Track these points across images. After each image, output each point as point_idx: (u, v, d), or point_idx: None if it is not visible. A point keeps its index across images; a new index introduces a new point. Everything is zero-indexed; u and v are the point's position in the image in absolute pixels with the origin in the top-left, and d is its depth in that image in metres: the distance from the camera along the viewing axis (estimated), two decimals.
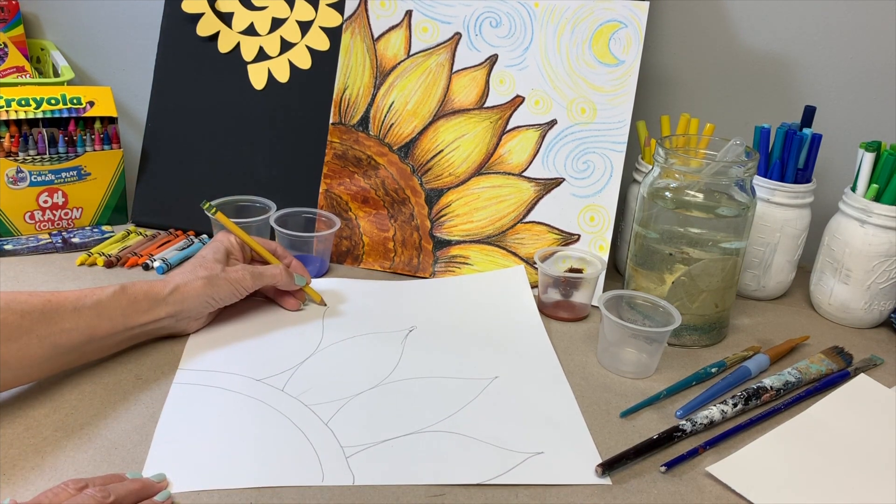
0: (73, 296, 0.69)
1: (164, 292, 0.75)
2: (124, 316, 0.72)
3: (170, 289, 0.75)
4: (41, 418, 0.67)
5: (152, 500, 0.58)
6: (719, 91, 1.07)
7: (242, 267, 0.82)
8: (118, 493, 0.56)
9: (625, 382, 0.79)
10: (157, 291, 0.75)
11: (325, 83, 1.00)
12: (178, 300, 0.75)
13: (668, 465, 0.67)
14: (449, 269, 0.97)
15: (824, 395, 0.78)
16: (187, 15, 1.02)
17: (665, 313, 0.81)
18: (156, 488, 0.59)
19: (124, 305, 0.72)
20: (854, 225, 0.89)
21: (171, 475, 0.61)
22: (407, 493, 0.62)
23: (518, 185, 0.96)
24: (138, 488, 0.58)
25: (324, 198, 1.00)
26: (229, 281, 0.79)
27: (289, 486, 0.61)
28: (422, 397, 0.73)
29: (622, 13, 0.93)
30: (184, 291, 0.76)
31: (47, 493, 0.55)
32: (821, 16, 1.02)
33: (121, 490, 0.57)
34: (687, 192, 0.83)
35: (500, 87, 0.96)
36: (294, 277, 0.85)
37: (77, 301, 0.69)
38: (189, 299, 0.76)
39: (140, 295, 0.73)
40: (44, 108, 0.96)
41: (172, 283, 0.76)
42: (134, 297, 0.73)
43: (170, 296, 0.75)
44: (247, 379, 0.74)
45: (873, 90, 1.04)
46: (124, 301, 0.72)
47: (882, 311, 0.92)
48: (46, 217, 0.99)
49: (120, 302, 0.72)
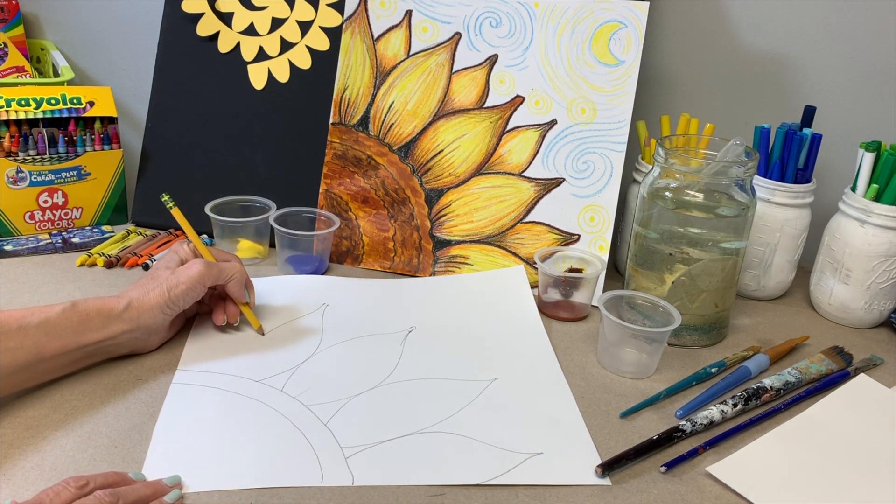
0: (19, 314, 0.67)
1: (118, 308, 0.72)
2: (76, 333, 0.69)
3: (124, 304, 0.72)
4: (41, 418, 0.67)
5: (161, 500, 0.58)
6: (719, 91, 1.07)
7: (197, 261, 0.77)
8: (127, 498, 0.56)
9: (625, 382, 0.79)
10: (110, 307, 0.72)
11: (325, 83, 1.00)
12: (134, 316, 0.73)
13: (668, 466, 0.66)
14: (449, 269, 0.97)
15: (824, 395, 0.78)
16: (187, 15, 1.02)
17: (665, 313, 0.81)
18: (165, 490, 0.59)
19: (75, 323, 0.69)
20: (854, 225, 0.89)
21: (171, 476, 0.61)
22: (407, 494, 0.62)
23: (518, 185, 0.96)
24: (149, 493, 0.58)
25: (324, 198, 1.00)
26: (182, 280, 0.75)
27: (288, 488, 0.61)
28: (421, 398, 0.73)
29: (622, 13, 0.93)
30: (139, 306, 0.73)
31: (48, 492, 0.55)
32: (821, 16, 1.02)
33: (130, 494, 0.57)
34: (687, 192, 0.83)
35: (500, 87, 0.96)
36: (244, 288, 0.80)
37: (22, 319, 0.67)
38: (145, 314, 0.73)
39: (92, 312, 0.70)
40: (44, 108, 0.96)
41: (127, 299, 0.73)
42: (85, 313, 0.70)
43: (124, 312, 0.72)
44: (246, 380, 0.74)
45: (873, 90, 1.04)
46: (75, 318, 0.69)
47: (882, 311, 0.92)
48: (46, 217, 0.99)
49: (70, 319, 0.69)
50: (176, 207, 0.83)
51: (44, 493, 0.55)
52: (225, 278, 0.79)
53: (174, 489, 0.59)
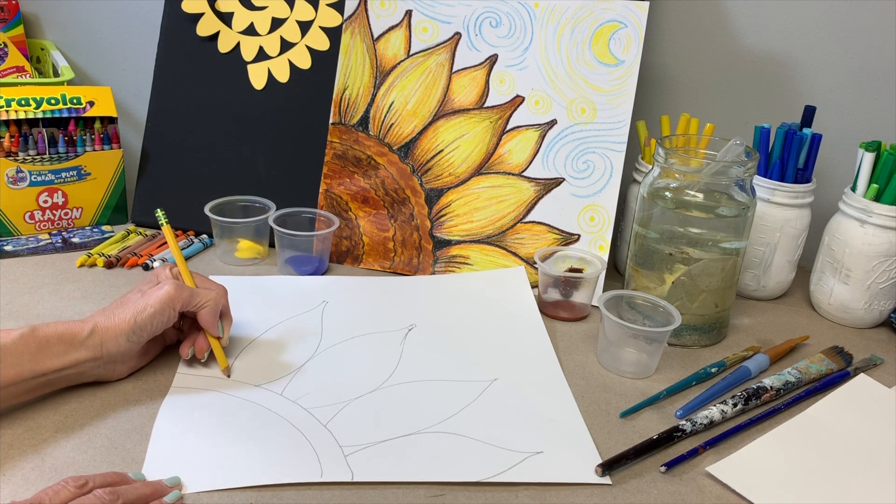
0: None
1: (82, 334, 0.67)
2: (33, 361, 0.65)
3: (88, 329, 0.68)
4: (41, 419, 0.67)
5: (161, 500, 0.58)
6: (719, 91, 1.07)
7: (168, 281, 0.71)
8: (127, 497, 0.56)
9: (625, 382, 0.79)
10: (73, 333, 0.67)
11: (325, 83, 1.00)
12: (97, 343, 0.68)
13: (668, 465, 0.67)
14: (449, 269, 0.97)
15: (824, 395, 0.78)
16: (187, 15, 1.02)
17: (665, 313, 0.81)
18: (165, 491, 0.59)
19: (33, 349, 0.65)
20: (854, 225, 0.89)
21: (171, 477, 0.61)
22: (407, 493, 0.62)
23: (518, 185, 0.96)
24: (149, 492, 0.58)
25: (324, 198, 1.00)
26: (150, 303, 0.69)
27: (288, 488, 0.61)
28: (422, 399, 0.73)
29: (622, 13, 0.93)
30: (103, 332, 0.68)
31: (47, 491, 0.55)
32: (821, 16, 1.02)
33: (130, 494, 0.57)
34: (687, 192, 0.83)
35: (500, 87, 0.96)
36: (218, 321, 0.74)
37: None
38: (109, 341, 0.68)
39: (53, 337, 0.66)
40: (44, 108, 0.96)
41: (91, 323, 0.68)
42: (45, 339, 0.66)
43: (88, 338, 0.67)
44: (245, 384, 0.74)
45: (873, 90, 1.04)
46: (33, 345, 0.65)
47: (882, 311, 0.92)
48: (46, 217, 0.99)
49: (28, 346, 0.65)
50: (167, 225, 0.80)
51: (43, 493, 0.55)
52: (196, 304, 0.72)
53: (174, 489, 0.59)
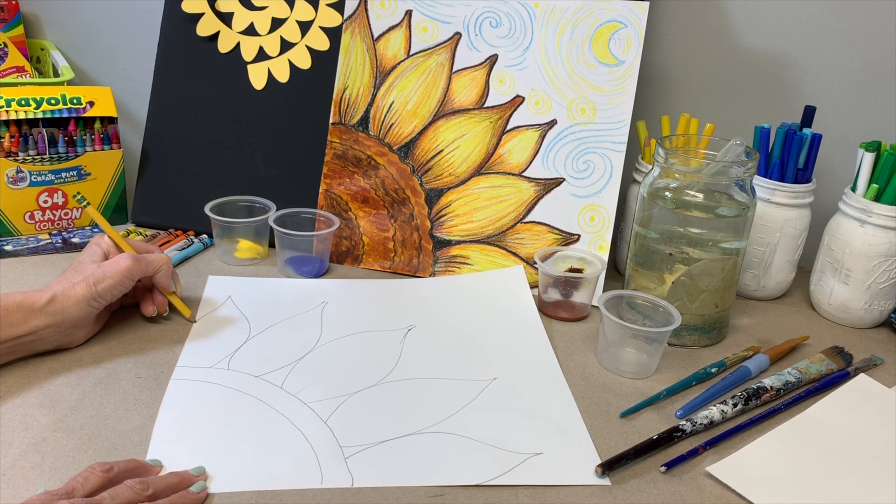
0: None
1: (41, 302, 0.71)
2: None
3: (47, 298, 0.71)
4: (41, 418, 0.67)
5: (188, 490, 0.59)
6: (719, 91, 1.07)
7: (123, 255, 0.77)
8: (157, 487, 0.58)
9: (625, 382, 0.79)
10: (31, 302, 0.70)
11: (325, 83, 1.00)
12: (58, 310, 0.71)
13: (668, 466, 0.67)
14: (449, 269, 0.97)
15: (824, 395, 0.78)
16: (187, 15, 1.02)
17: (665, 313, 0.81)
18: (192, 480, 0.60)
19: None
20: (854, 225, 0.89)
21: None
22: (407, 494, 0.62)
23: (518, 185, 0.96)
24: (176, 482, 0.59)
25: (324, 198, 1.00)
26: (109, 274, 0.75)
27: (288, 490, 0.61)
28: (421, 398, 0.73)
29: (622, 13, 0.93)
30: (63, 300, 0.72)
31: (77, 479, 0.56)
32: (821, 16, 1.02)
33: (159, 483, 0.58)
34: (687, 192, 0.83)
35: (500, 87, 0.96)
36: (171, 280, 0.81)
37: None
38: (69, 308, 0.72)
39: (12, 306, 0.69)
40: (44, 108, 0.96)
41: (50, 292, 0.72)
42: (5, 309, 0.69)
43: (47, 305, 0.71)
44: (245, 375, 0.74)
45: (873, 90, 1.04)
46: None
47: (882, 311, 0.92)
48: (46, 217, 0.99)
49: None
50: (90, 206, 0.84)
51: (73, 481, 0.56)
52: (152, 270, 0.79)
53: (199, 479, 0.60)
